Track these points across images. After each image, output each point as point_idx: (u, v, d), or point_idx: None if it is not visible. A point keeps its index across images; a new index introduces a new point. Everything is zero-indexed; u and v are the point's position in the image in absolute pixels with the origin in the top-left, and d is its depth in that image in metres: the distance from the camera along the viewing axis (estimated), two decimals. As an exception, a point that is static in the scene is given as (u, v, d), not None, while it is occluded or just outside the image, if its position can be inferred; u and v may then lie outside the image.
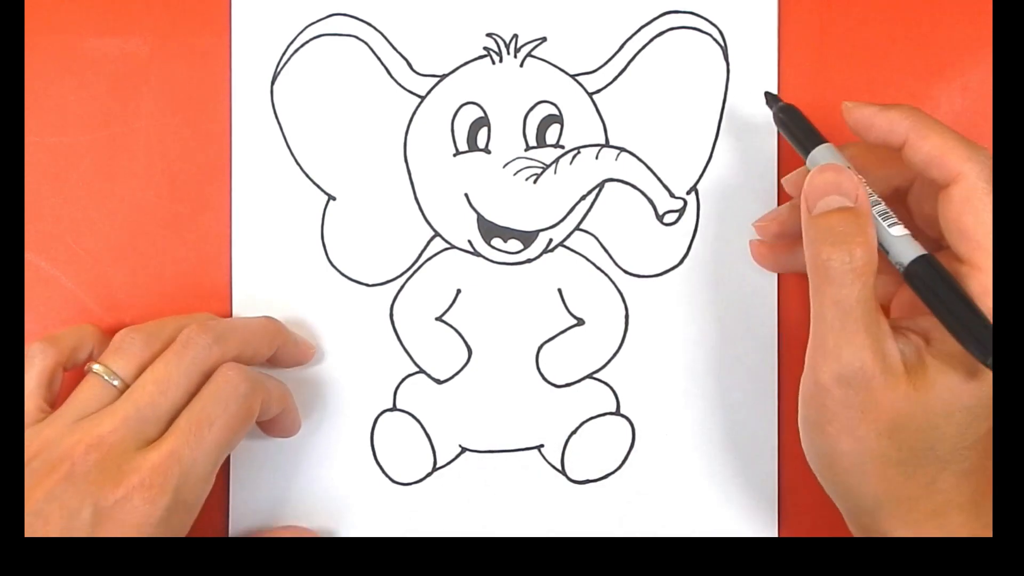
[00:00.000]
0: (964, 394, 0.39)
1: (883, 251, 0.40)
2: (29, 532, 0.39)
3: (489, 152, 0.49)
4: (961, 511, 0.40)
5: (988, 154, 0.40)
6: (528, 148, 0.49)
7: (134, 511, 0.39)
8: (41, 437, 0.41)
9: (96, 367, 0.43)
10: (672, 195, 0.49)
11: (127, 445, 0.40)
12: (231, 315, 0.49)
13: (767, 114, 0.47)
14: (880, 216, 0.40)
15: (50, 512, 0.39)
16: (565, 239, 0.49)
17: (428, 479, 0.49)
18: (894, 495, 0.40)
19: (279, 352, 0.46)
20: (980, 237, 0.39)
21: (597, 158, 0.48)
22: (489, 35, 0.49)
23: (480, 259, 0.49)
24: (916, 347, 0.40)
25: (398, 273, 0.49)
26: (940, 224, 0.40)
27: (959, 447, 0.39)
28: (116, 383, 0.43)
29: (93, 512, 0.39)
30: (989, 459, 0.40)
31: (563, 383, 0.49)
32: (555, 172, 0.48)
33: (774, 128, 0.48)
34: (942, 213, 0.40)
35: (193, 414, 0.41)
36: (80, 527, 0.39)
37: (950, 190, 0.39)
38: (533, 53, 0.49)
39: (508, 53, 0.49)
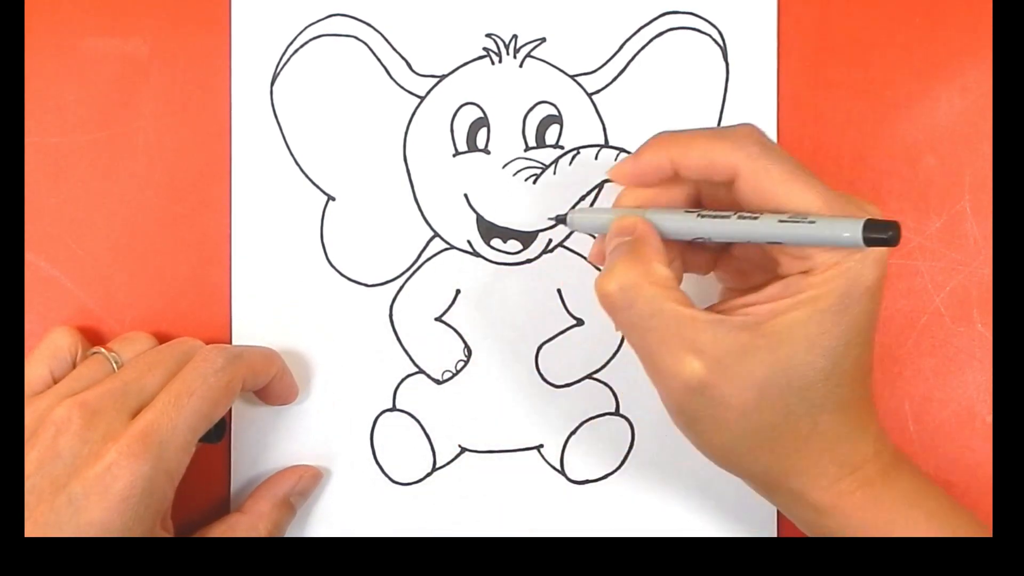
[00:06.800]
0: (817, 333, 0.38)
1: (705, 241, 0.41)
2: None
3: (489, 152, 0.49)
4: (849, 441, 0.40)
5: (747, 131, 0.40)
6: (527, 148, 0.49)
7: (116, 480, 0.40)
8: (34, 407, 0.43)
9: (101, 350, 0.45)
10: (671, 195, 0.48)
11: (109, 413, 0.41)
12: (230, 315, 0.49)
13: (767, 114, 0.47)
14: (697, 216, 0.40)
15: (42, 487, 0.40)
16: (564, 239, 0.49)
17: (428, 479, 0.49)
18: (781, 458, 0.40)
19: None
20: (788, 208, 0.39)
21: (597, 158, 0.48)
22: (488, 35, 0.49)
23: (479, 259, 0.49)
24: (753, 315, 0.39)
25: (397, 273, 0.49)
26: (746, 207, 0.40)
27: (830, 386, 0.39)
28: (115, 365, 0.45)
29: (81, 485, 0.40)
30: (862, 384, 0.40)
31: (562, 383, 0.49)
32: (554, 172, 0.48)
33: (774, 128, 0.48)
34: (742, 203, 0.40)
35: (173, 387, 0.42)
36: (68, 500, 0.40)
37: (736, 185, 0.39)
38: (532, 53, 0.49)
39: (507, 53, 0.49)
